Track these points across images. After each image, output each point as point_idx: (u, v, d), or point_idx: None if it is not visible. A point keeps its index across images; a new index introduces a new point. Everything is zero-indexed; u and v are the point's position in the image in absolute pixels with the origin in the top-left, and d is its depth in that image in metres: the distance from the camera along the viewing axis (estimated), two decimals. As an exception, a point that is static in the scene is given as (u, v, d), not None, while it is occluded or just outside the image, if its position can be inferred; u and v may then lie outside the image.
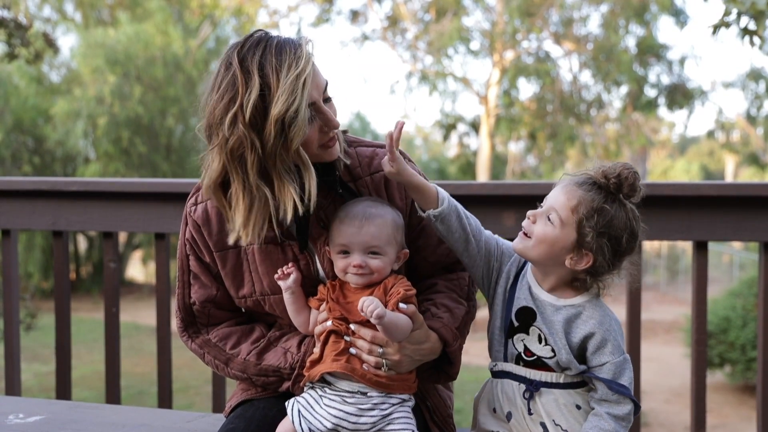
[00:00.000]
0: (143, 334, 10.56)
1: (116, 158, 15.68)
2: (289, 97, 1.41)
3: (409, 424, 1.53)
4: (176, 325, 1.73)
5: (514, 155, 21.95)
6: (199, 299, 1.67)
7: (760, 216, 2.34)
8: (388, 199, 1.64)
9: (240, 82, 1.43)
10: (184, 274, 1.68)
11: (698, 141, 32.33)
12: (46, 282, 14.89)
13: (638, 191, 1.49)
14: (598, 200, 1.47)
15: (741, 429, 7.00)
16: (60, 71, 16.96)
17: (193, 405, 7.33)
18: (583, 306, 1.52)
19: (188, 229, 1.65)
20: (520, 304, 1.55)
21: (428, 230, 1.65)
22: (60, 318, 2.81)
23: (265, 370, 1.63)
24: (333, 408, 1.52)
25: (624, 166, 1.49)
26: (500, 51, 16.92)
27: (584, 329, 1.50)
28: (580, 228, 1.47)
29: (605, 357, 1.50)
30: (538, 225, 1.50)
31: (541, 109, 17.83)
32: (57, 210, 2.77)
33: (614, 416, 1.48)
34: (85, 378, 8.03)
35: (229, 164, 1.46)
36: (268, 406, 1.63)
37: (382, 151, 1.65)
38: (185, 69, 16.27)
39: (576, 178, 1.52)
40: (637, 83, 17.42)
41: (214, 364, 1.69)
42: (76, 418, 2.04)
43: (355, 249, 1.52)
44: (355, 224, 1.52)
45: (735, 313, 7.63)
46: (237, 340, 1.67)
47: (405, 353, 1.52)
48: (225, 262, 1.64)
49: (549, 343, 1.51)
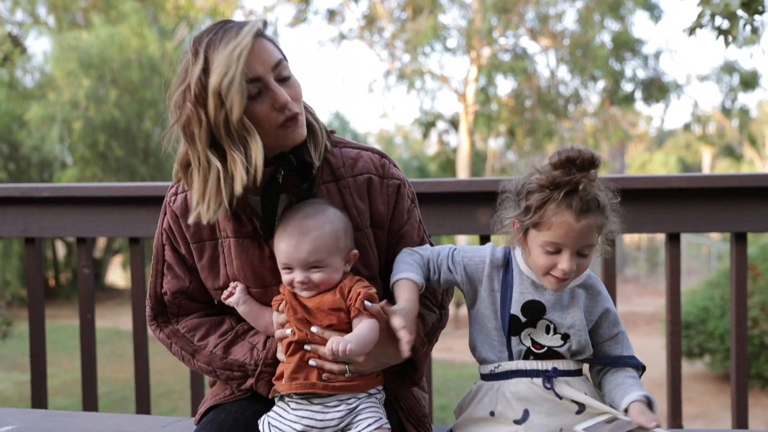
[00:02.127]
0: (124, 339, 10.46)
1: (93, 163, 15.51)
2: (224, 69, 1.43)
3: (377, 413, 1.52)
4: (147, 313, 1.71)
5: (494, 151, 22.03)
6: (171, 290, 1.67)
7: (731, 207, 2.36)
8: (371, 202, 1.63)
9: (190, 63, 1.49)
10: (158, 263, 1.68)
11: (675, 134, 32.64)
12: (23, 289, 14.71)
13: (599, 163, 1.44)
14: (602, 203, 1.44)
15: (721, 418, 7.09)
16: (33, 76, 16.74)
17: (176, 410, 7.28)
18: (589, 276, 1.55)
19: (166, 218, 1.65)
20: (526, 299, 1.51)
21: (407, 239, 1.66)
22: (34, 326, 2.77)
23: (230, 364, 1.62)
24: (299, 410, 1.52)
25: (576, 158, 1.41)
26: (477, 48, 16.97)
27: (603, 304, 1.54)
28: (601, 230, 1.47)
29: (618, 327, 1.57)
30: (580, 265, 1.46)
31: (519, 105, 17.92)
32: (28, 216, 2.73)
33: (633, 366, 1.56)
34: (66, 385, 7.95)
35: (186, 141, 1.51)
36: (239, 410, 1.62)
37: (366, 154, 1.65)
38: (162, 71, 16.13)
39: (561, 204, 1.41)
40: (614, 78, 17.57)
41: (180, 354, 1.68)
42: (50, 427, 2.02)
43: (296, 266, 1.50)
44: (292, 243, 1.49)
45: (713, 304, 7.71)
46: (206, 331, 1.66)
47: (370, 355, 1.50)
48: (201, 254, 1.63)
49: (558, 332, 1.50)
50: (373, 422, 1.50)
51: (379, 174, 1.64)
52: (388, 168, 1.66)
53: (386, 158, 1.68)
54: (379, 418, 1.51)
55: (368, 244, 1.63)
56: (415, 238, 1.67)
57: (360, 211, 1.62)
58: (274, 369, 1.59)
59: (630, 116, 22.19)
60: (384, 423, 1.51)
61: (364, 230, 1.62)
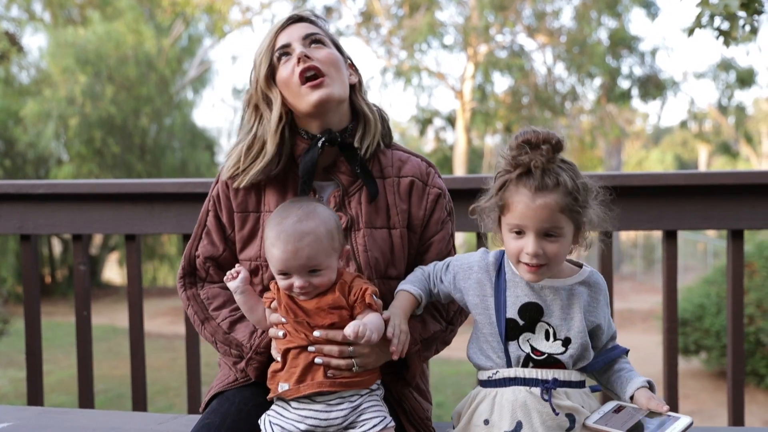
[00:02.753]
0: (121, 336, 10.45)
1: (89, 159, 15.46)
2: (261, 44, 1.68)
3: (380, 411, 1.53)
4: (178, 272, 1.80)
5: (491, 148, 22.03)
6: (204, 254, 1.76)
7: (728, 204, 2.37)
8: (410, 205, 1.70)
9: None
10: (199, 227, 1.78)
11: (672, 131, 32.70)
12: (20, 286, 14.67)
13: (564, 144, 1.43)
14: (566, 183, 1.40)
15: (717, 414, 7.10)
16: (29, 72, 16.68)
17: (173, 407, 7.27)
18: (592, 274, 1.52)
19: (218, 186, 1.76)
20: (522, 301, 1.47)
21: (434, 248, 1.72)
22: (30, 323, 2.76)
23: (230, 341, 1.68)
24: (302, 410, 1.51)
25: (530, 134, 1.42)
26: (474, 45, 16.95)
27: (604, 307, 1.51)
28: (575, 217, 1.43)
29: (612, 326, 1.56)
30: (549, 249, 1.42)
31: (516, 103, 17.90)
32: (24, 213, 2.72)
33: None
34: (63, 382, 7.93)
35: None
36: (243, 401, 1.64)
37: (415, 159, 1.75)
38: (158, 68, 16.09)
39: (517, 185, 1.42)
40: (611, 75, 17.56)
41: (193, 318, 1.75)
42: (46, 424, 2.01)
43: (294, 272, 1.49)
44: (288, 249, 1.48)
45: (710, 301, 7.72)
46: (221, 303, 1.73)
47: (374, 348, 1.53)
48: (243, 224, 1.71)
49: (558, 337, 1.45)
50: (379, 422, 1.50)
51: (422, 180, 1.72)
52: (432, 176, 1.74)
53: (432, 167, 1.76)
54: (384, 418, 1.52)
55: (402, 244, 1.68)
56: (443, 249, 1.73)
57: (400, 211, 1.69)
58: (263, 358, 1.63)
59: (627, 113, 22.23)
60: (389, 422, 1.51)
61: (400, 230, 1.68)
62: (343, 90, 1.65)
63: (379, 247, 1.65)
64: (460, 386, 7.74)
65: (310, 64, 1.61)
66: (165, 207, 2.64)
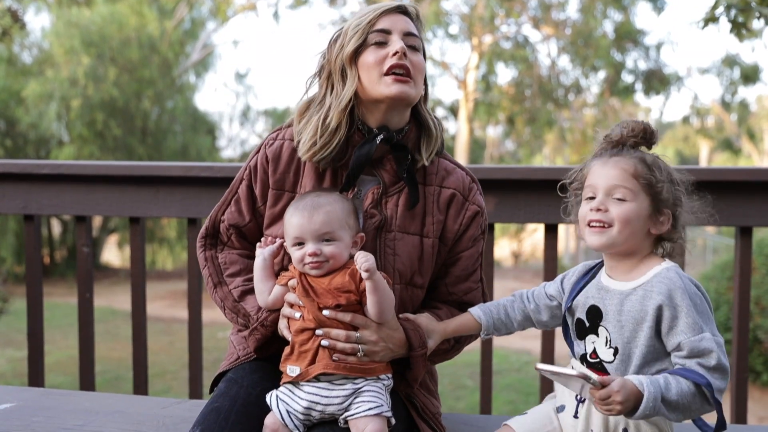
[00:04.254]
0: (119, 318, 10.46)
1: (91, 141, 15.41)
2: (360, 17, 1.64)
3: (378, 397, 1.52)
4: (201, 231, 1.80)
5: (493, 140, 21.99)
6: (229, 221, 1.76)
7: (736, 200, 2.35)
8: (447, 217, 1.69)
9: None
10: (230, 193, 1.77)
11: (674, 126, 32.62)
12: (19, 266, 14.67)
13: (657, 138, 1.47)
14: (645, 157, 1.42)
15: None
16: (32, 52, 16.59)
17: (170, 390, 7.28)
18: (655, 276, 1.38)
19: (257, 157, 1.74)
20: (589, 303, 1.46)
21: (462, 263, 1.72)
22: (32, 304, 2.75)
23: (239, 310, 1.69)
24: (307, 386, 1.53)
25: (634, 123, 1.46)
26: (479, 35, 16.88)
27: (653, 303, 1.35)
28: (651, 188, 1.40)
29: (678, 336, 1.33)
30: (614, 209, 1.39)
31: (519, 94, 17.85)
32: (27, 194, 2.71)
33: (704, 366, 1.31)
34: (60, 363, 7.94)
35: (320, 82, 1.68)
36: (251, 385, 1.64)
37: (460, 172, 1.73)
38: (161, 51, 16.01)
39: (597, 156, 1.46)
40: (615, 69, 17.49)
41: (207, 279, 1.76)
42: (49, 405, 2.01)
43: (308, 238, 1.55)
44: (305, 214, 1.55)
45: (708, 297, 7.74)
46: (237, 270, 1.74)
47: (381, 335, 1.53)
48: (277, 202, 1.70)
49: (612, 345, 1.40)
50: (374, 407, 1.50)
51: (464, 195, 1.71)
52: (474, 192, 1.73)
53: (476, 183, 1.75)
54: (380, 405, 1.51)
55: (432, 253, 1.68)
56: (470, 266, 1.73)
57: (435, 220, 1.68)
58: (267, 332, 1.64)
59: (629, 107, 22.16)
60: (384, 410, 1.51)
61: (433, 239, 1.68)
62: (418, 96, 1.65)
63: (408, 253, 1.65)
64: (457, 376, 7.75)
65: (404, 62, 1.59)
66: (170, 190, 2.63)
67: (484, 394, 2.54)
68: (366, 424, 1.48)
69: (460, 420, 1.93)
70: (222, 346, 8.24)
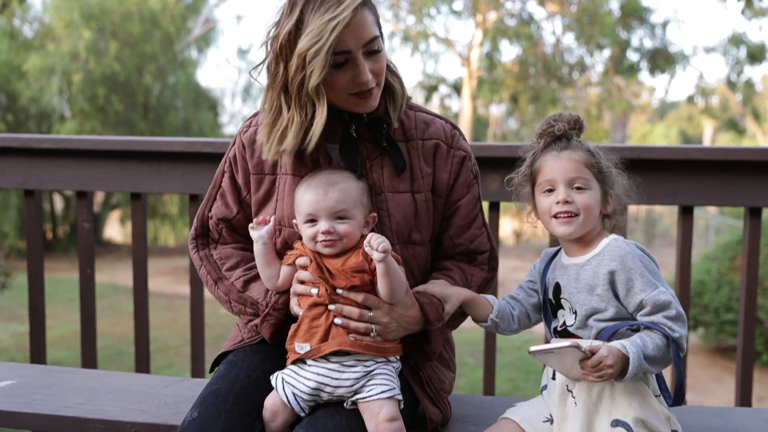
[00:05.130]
0: (121, 294, 10.49)
1: (92, 116, 15.35)
2: (315, 37, 1.46)
3: (390, 380, 1.51)
4: (190, 232, 1.79)
5: (496, 118, 21.89)
6: (217, 215, 1.74)
7: (746, 181, 2.32)
8: (435, 168, 1.67)
9: (285, 12, 1.52)
10: (213, 188, 1.75)
11: (678, 106, 32.45)
12: (21, 241, 14.70)
13: (585, 128, 1.58)
14: (588, 146, 1.54)
15: (713, 389, 7.15)
16: (32, 26, 16.47)
17: (172, 365, 7.32)
18: (606, 247, 1.50)
19: (234, 147, 1.72)
20: (554, 281, 1.58)
21: (461, 211, 1.70)
22: (33, 279, 2.74)
23: (245, 299, 1.67)
24: (315, 367, 1.51)
25: (569, 116, 1.56)
26: (483, 12, 16.72)
27: (604, 269, 1.47)
28: (600, 174, 1.52)
29: (638, 296, 1.44)
30: (579, 199, 1.50)
31: (523, 72, 17.72)
32: (28, 168, 2.68)
33: (668, 317, 1.42)
34: (63, 338, 7.97)
35: (268, 81, 1.56)
36: (251, 367, 1.63)
37: (439, 121, 1.70)
38: (162, 25, 15.89)
39: (545, 150, 1.55)
40: (620, 47, 17.34)
41: (206, 278, 1.74)
42: (50, 383, 2.00)
43: (322, 215, 1.52)
44: (319, 191, 1.53)
45: (710, 277, 7.71)
46: (235, 263, 1.72)
47: (393, 316, 1.52)
48: (259, 186, 1.68)
49: (573, 310, 1.52)
50: (386, 390, 1.49)
51: (447, 143, 1.68)
52: (457, 138, 1.70)
53: (457, 129, 1.72)
54: (392, 388, 1.50)
55: (426, 208, 1.66)
56: (470, 212, 1.71)
57: (424, 174, 1.65)
58: (280, 315, 1.61)
59: (634, 86, 22.01)
60: (396, 393, 1.50)
61: (425, 193, 1.65)
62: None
63: (402, 212, 1.63)
64: (458, 354, 7.77)
65: (372, 85, 1.54)
66: (172, 166, 2.60)
67: (488, 375, 2.53)
68: (381, 407, 1.47)
69: (464, 401, 1.92)
70: (223, 323, 8.26)
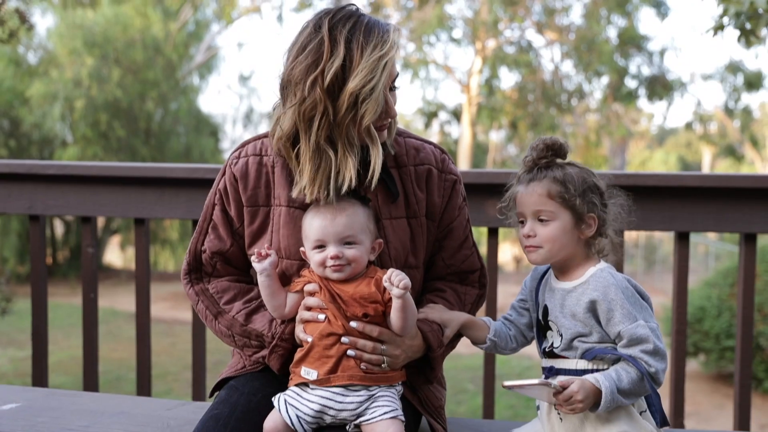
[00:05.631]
0: (121, 319, 10.46)
1: (94, 142, 15.43)
2: (368, 75, 1.47)
3: (392, 402, 1.54)
4: (183, 267, 1.75)
5: (495, 144, 21.99)
6: (211, 249, 1.70)
7: (742, 207, 2.35)
8: (428, 193, 1.69)
9: (326, 49, 1.49)
10: (204, 221, 1.72)
11: (676, 132, 32.59)
12: (21, 267, 14.69)
13: (566, 149, 1.57)
14: (554, 174, 1.53)
15: (714, 417, 7.11)
16: (36, 53, 16.64)
17: (171, 391, 7.29)
18: (591, 277, 1.53)
19: (224, 179, 1.69)
20: (544, 303, 1.60)
21: (455, 233, 1.73)
22: (36, 304, 2.76)
23: (249, 332, 1.65)
24: (319, 390, 1.53)
25: (541, 142, 1.56)
26: (482, 39, 16.90)
27: (586, 298, 1.50)
28: (566, 203, 1.52)
29: (616, 326, 1.48)
30: (540, 233, 1.53)
31: (522, 99, 17.87)
32: (33, 194, 2.72)
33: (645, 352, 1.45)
34: (62, 363, 7.95)
35: (300, 123, 1.52)
36: (252, 392, 1.63)
37: (429, 147, 1.73)
38: (165, 52, 16.05)
39: (519, 181, 1.58)
40: (618, 74, 17.50)
41: (204, 314, 1.71)
42: (53, 406, 2.01)
43: (330, 240, 1.54)
44: (328, 217, 1.54)
45: (710, 303, 7.71)
46: (233, 296, 1.70)
47: (403, 348, 1.56)
48: (253, 219, 1.66)
49: (560, 333, 1.55)
50: (389, 411, 1.51)
51: (438, 167, 1.71)
52: (447, 163, 1.73)
53: (446, 154, 1.75)
54: (395, 409, 1.53)
55: (421, 232, 1.68)
56: (462, 234, 1.74)
57: (418, 199, 1.67)
58: (288, 344, 1.61)
59: (632, 113, 22.15)
60: (398, 414, 1.53)
61: (419, 218, 1.68)
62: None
63: (399, 238, 1.65)
64: (458, 381, 7.75)
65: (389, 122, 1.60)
66: (175, 192, 2.63)
67: (487, 400, 2.54)
68: (386, 428, 1.49)
69: (463, 424, 1.93)
70: (224, 349, 8.23)
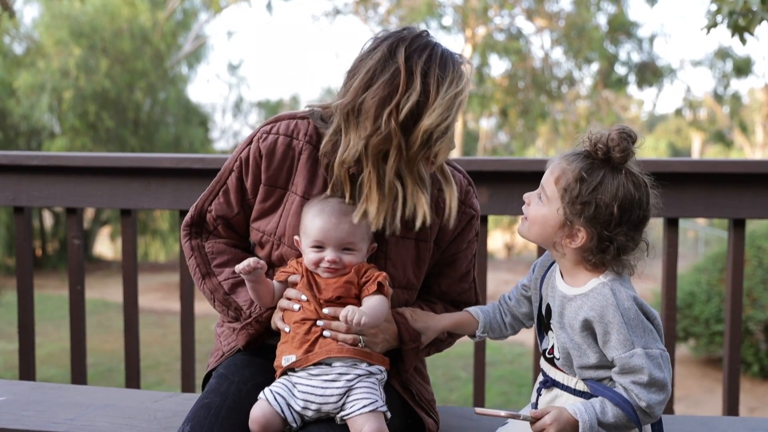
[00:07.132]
0: (112, 310, 10.43)
1: (83, 133, 15.32)
2: (444, 113, 1.45)
3: (372, 393, 1.51)
4: (185, 219, 1.74)
5: (486, 132, 21.98)
6: (217, 212, 1.70)
7: (730, 193, 2.35)
8: (442, 220, 1.64)
9: (401, 81, 1.46)
10: (218, 183, 1.70)
11: (666, 119, 32.67)
12: (10, 259, 14.61)
13: (630, 154, 1.37)
14: (582, 168, 1.37)
15: (704, 401, 7.16)
16: (22, 43, 16.47)
17: (163, 382, 7.27)
18: (592, 291, 1.39)
19: (249, 149, 1.66)
20: (546, 301, 1.51)
21: (457, 264, 1.72)
22: (23, 296, 2.73)
23: (230, 303, 1.66)
24: (301, 384, 1.53)
25: (614, 129, 1.37)
26: (472, 27, 16.84)
27: (582, 316, 1.37)
28: (563, 200, 1.38)
29: (611, 352, 1.35)
30: (531, 206, 1.46)
31: (512, 86, 17.84)
32: (17, 185, 2.68)
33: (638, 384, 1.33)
34: (53, 355, 7.91)
35: (369, 155, 1.49)
36: (242, 381, 1.64)
37: (458, 176, 1.70)
38: (153, 42, 15.92)
39: (567, 151, 1.44)
40: (608, 61, 17.50)
41: (194, 270, 1.72)
42: (39, 399, 2.00)
43: (331, 244, 1.53)
44: (332, 220, 1.53)
45: (700, 288, 7.75)
46: (226, 260, 1.70)
47: (380, 328, 1.56)
48: (267, 198, 1.65)
49: (558, 345, 1.46)
50: (368, 404, 1.49)
51: (460, 199, 1.68)
52: (470, 196, 1.72)
53: (472, 186, 1.73)
54: (374, 401, 1.50)
55: (427, 257, 1.67)
56: (464, 267, 1.73)
57: (432, 223, 1.64)
58: (261, 327, 1.63)
59: (622, 100, 22.18)
60: (379, 406, 1.50)
61: (429, 243, 1.66)
62: None
63: (401, 257, 1.64)
64: (450, 368, 7.77)
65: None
66: (161, 182, 2.61)
67: (478, 388, 2.54)
68: (364, 422, 1.47)
69: (454, 413, 1.93)
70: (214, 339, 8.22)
